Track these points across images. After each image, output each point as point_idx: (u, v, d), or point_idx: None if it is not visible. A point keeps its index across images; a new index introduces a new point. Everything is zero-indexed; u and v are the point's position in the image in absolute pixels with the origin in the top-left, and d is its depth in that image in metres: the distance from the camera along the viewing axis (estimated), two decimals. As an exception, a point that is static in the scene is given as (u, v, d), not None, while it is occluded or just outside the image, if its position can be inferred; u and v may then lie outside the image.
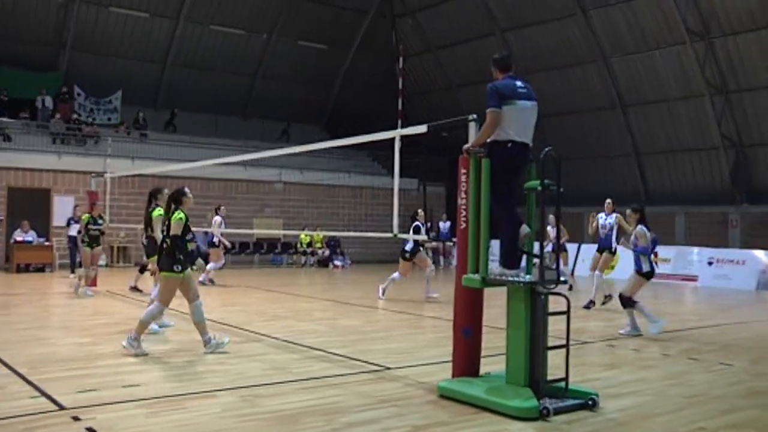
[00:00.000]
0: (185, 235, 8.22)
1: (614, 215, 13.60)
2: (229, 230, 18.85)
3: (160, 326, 9.72)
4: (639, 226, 10.61)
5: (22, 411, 5.71)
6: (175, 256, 8.10)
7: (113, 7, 26.14)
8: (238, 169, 23.17)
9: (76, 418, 5.49)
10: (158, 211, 9.31)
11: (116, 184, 19.33)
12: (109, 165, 20.42)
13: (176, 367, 7.50)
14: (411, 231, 13.89)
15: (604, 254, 13.65)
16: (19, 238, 20.97)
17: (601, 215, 13.80)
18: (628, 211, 11.13)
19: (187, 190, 8.46)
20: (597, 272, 13.59)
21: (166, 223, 8.26)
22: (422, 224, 13.64)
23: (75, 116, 26.08)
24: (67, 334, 9.85)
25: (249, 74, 30.03)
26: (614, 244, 13.49)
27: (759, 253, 20.21)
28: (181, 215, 8.16)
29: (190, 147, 25.53)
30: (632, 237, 10.68)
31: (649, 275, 10.56)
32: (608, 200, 13.98)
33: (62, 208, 21.84)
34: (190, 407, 5.86)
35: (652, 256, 11.08)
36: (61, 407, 5.82)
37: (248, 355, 8.18)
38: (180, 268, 8.11)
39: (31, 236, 20.91)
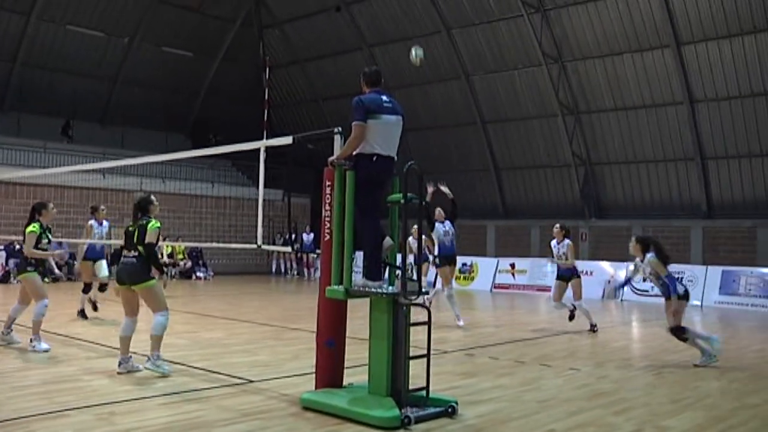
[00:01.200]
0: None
1: (566, 242, 12.77)
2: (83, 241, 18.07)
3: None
4: (649, 255, 9.39)
5: None
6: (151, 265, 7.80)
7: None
8: (97, 177, 22.24)
9: None
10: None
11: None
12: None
13: (24, 386, 7.07)
14: None
15: (572, 281, 12.73)
16: None
17: (553, 243, 12.96)
18: (632, 243, 9.73)
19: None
20: (579, 301, 12.65)
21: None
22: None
23: None
24: None
25: (109, 78, 28.88)
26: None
27: (604, 264, 21.41)
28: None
29: (40, 152, 24.27)
30: (646, 269, 9.47)
31: (687, 296, 9.41)
32: (556, 226, 13.08)
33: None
34: (39, 429, 5.54)
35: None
36: None
37: (103, 371, 7.84)
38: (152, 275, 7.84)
39: None
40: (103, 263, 12.95)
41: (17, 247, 18.99)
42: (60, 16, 26.39)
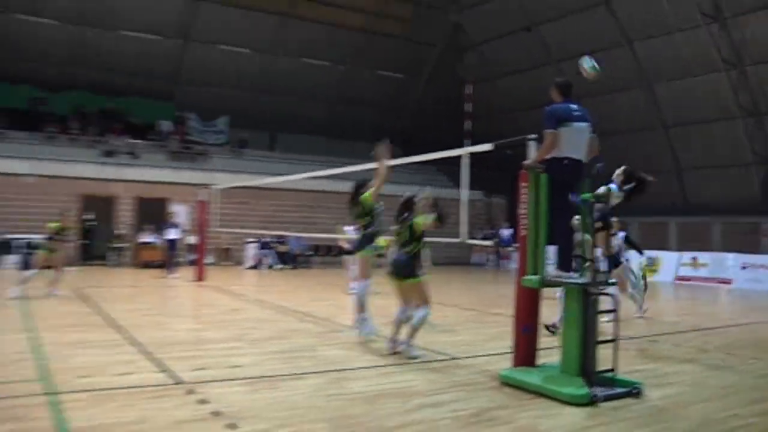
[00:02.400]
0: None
1: (621, 234, 11.57)
2: (319, 235, 19.18)
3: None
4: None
5: (148, 383, 5.92)
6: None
7: (221, 44, 26.82)
8: (326, 182, 23.36)
9: (191, 392, 5.65)
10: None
11: (221, 194, 19.74)
12: (215, 178, 20.88)
13: (272, 351, 7.60)
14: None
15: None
16: (143, 240, 21.73)
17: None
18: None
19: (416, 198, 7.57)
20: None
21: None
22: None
23: (188, 137, 26.99)
24: (181, 321, 10.14)
25: (333, 100, 30.23)
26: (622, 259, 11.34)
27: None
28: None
29: (285, 163, 25.91)
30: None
31: None
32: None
33: (176, 215, 22.46)
34: (284, 387, 5.94)
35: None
36: (180, 381, 5.99)
37: (336, 342, 8.24)
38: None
39: (152, 238, 21.55)
40: None
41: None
42: (296, 50, 28.09)
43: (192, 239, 20.34)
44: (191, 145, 26.53)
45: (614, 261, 10.95)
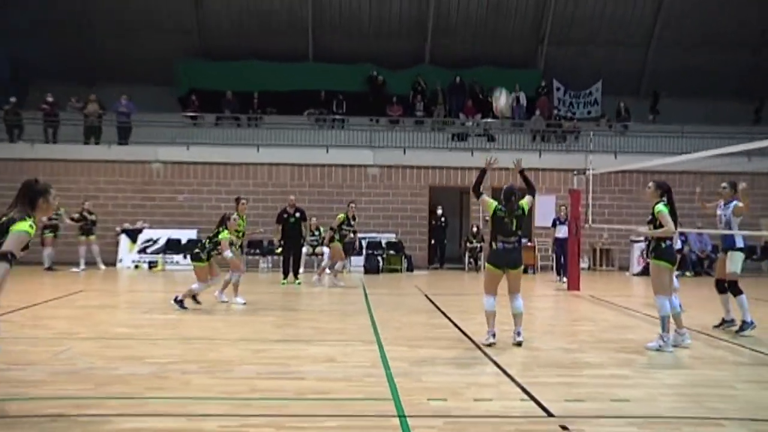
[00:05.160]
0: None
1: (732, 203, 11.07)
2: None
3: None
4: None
5: (513, 412, 6.07)
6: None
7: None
8: (740, 160, 21.73)
9: (564, 428, 5.63)
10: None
11: (597, 181, 19.62)
12: (590, 161, 20.86)
13: (672, 385, 7.24)
14: None
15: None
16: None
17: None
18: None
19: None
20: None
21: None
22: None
23: (555, 112, 27.39)
24: (551, 338, 10.25)
25: (753, 48, 27.97)
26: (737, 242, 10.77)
27: None
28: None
29: (676, 138, 24.77)
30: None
31: None
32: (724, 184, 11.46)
33: (544, 207, 22.87)
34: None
35: None
36: (549, 414, 6.02)
37: (761, 380, 7.56)
38: None
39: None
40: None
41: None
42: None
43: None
44: (559, 122, 26.90)
45: None
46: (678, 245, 13.78)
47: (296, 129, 24.70)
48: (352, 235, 17.89)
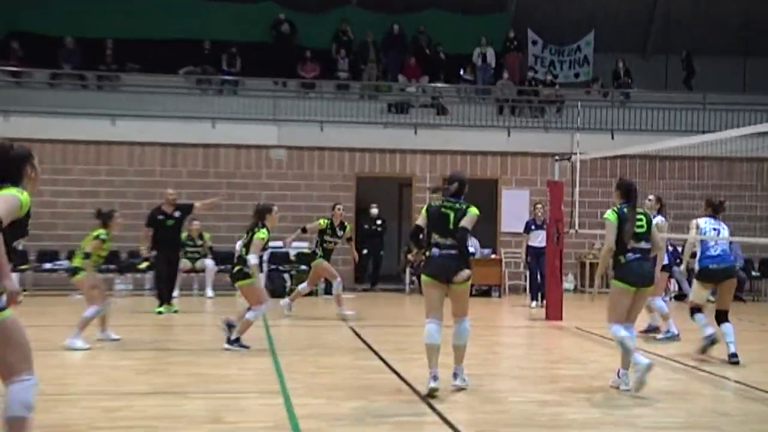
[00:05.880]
0: None
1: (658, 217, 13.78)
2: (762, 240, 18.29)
3: None
4: None
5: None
6: None
7: None
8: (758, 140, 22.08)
9: None
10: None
11: (587, 170, 19.78)
12: (577, 142, 21.11)
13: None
14: None
15: None
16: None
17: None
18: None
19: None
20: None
21: None
22: None
23: (530, 74, 27.61)
24: (522, 386, 10.34)
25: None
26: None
27: None
28: None
29: (704, 110, 25.14)
30: None
31: None
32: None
33: (514, 205, 23.00)
34: None
35: None
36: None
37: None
38: None
39: (471, 247, 22.43)
40: None
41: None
42: None
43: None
44: (535, 88, 27.16)
45: None
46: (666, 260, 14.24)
47: (168, 93, 24.45)
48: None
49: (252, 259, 12.46)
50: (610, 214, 9.88)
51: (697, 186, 23.74)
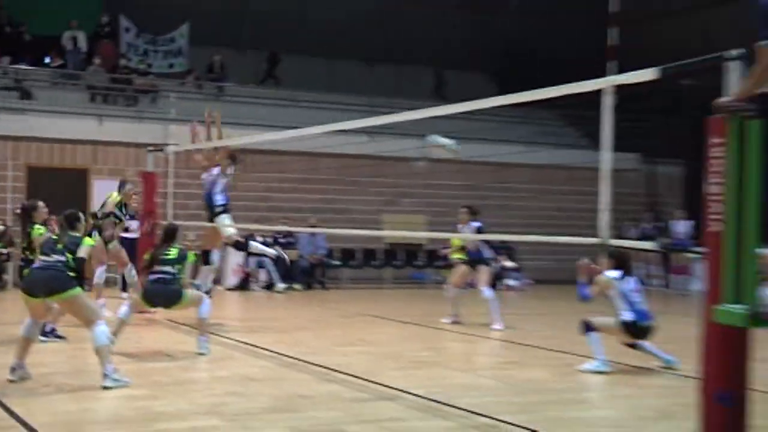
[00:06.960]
0: None
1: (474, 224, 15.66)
2: (343, 231, 19.14)
3: None
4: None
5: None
6: None
7: None
8: (360, 139, 23.20)
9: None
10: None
11: (183, 161, 19.89)
12: (172, 133, 21.16)
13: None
14: None
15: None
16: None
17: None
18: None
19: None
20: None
21: None
22: None
23: (122, 62, 27.33)
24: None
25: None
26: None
27: None
28: None
29: (292, 107, 26.03)
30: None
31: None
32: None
33: (105, 196, 22.69)
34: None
35: None
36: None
37: (376, 419, 8.30)
38: None
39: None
40: None
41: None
42: None
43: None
44: (129, 76, 26.92)
45: None
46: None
47: None
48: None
49: None
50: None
51: (284, 179, 24.60)
